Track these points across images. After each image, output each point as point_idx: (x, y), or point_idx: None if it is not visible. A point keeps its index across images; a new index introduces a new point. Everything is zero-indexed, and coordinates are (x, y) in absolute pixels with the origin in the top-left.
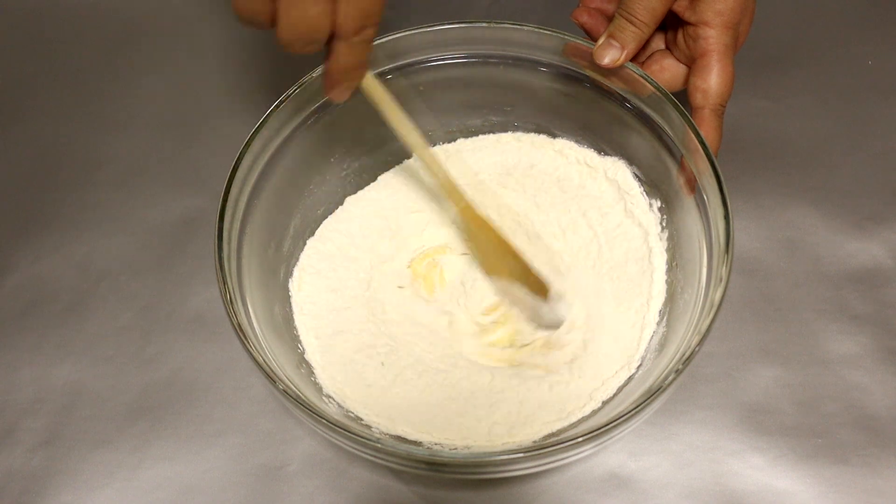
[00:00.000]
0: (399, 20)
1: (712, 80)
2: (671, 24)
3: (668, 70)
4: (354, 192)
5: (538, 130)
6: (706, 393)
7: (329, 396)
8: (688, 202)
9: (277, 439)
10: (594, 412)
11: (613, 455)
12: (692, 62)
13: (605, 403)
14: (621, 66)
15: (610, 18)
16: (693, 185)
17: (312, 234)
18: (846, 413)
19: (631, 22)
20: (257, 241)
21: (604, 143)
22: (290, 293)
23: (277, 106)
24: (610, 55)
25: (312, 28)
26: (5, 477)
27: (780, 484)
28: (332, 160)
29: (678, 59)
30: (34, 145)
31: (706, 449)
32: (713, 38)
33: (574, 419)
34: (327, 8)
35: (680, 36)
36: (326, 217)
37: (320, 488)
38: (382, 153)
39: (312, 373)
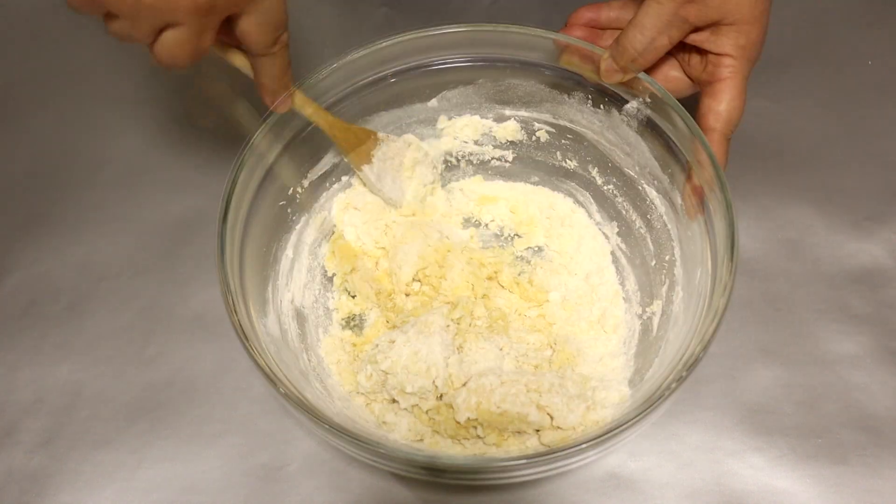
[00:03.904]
0: (399, 21)
1: (727, 105)
2: (685, 46)
3: (671, 82)
4: None
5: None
6: (707, 393)
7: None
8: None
9: (277, 439)
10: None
11: (614, 455)
12: (705, 84)
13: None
14: None
15: (600, 27)
16: (700, 196)
17: None
18: (846, 413)
19: (633, 58)
20: (259, 242)
21: (604, 143)
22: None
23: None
24: (613, 77)
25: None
26: (5, 477)
27: (780, 484)
28: (332, 159)
29: (686, 73)
30: (34, 145)
31: (707, 449)
32: (733, 67)
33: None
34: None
35: (696, 59)
36: None
37: (320, 488)
38: None
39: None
